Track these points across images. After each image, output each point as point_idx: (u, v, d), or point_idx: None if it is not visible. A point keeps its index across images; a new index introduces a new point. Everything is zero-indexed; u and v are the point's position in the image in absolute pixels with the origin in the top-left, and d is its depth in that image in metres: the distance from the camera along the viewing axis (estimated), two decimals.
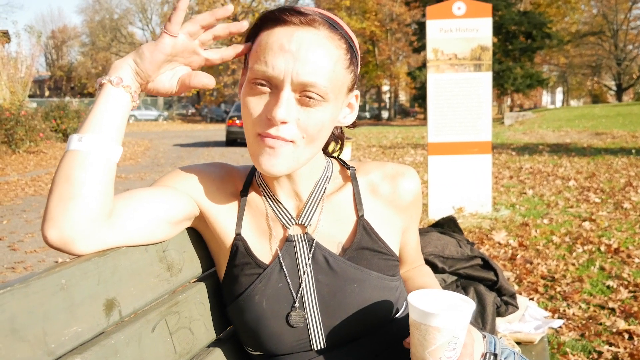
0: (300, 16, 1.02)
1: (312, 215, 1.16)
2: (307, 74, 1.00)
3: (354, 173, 1.22)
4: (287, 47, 1.00)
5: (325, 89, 1.02)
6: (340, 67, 1.05)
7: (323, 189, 1.17)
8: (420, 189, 1.26)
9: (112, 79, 1.01)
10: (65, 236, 0.93)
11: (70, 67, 62.29)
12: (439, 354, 0.99)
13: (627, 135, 17.10)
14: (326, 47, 1.02)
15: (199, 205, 1.16)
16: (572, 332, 3.21)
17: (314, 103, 1.02)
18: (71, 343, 0.84)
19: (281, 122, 1.00)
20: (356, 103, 1.17)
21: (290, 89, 1.01)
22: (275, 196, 1.17)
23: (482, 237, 5.42)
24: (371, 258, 1.16)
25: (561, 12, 48.61)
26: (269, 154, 1.03)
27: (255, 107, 1.03)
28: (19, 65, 18.50)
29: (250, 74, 1.04)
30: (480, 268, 2.11)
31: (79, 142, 0.96)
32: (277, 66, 1.00)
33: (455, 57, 6.30)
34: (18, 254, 5.43)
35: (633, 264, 4.46)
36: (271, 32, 1.03)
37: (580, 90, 65.68)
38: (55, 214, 0.93)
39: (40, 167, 13.15)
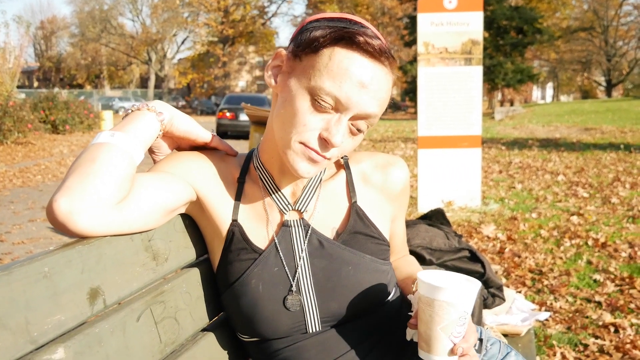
0: (376, 41, 1.04)
1: (308, 201, 1.20)
2: (374, 109, 1.07)
3: (347, 162, 1.26)
4: (367, 84, 1.04)
5: (376, 120, 1.10)
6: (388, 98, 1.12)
7: (320, 177, 1.22)
8: (409, 179, 1.30)
9: (157, 111, 1.11)
10: (74, 207, 0.91)
11: (59, 58, 61.77)
12: (451, 330, 1.01)
13: (616, 131, 17.21)
14: (389, 85, 1.10)
15: (196, 191, 1.18)
16: (558, 324, 3.24)
17: (360, 132, 1.10)
18: (54, 332, 0.84)
19: (335, 146, 1.06)
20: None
21: (350, 117, 1.06)
22: (275, 182, 1.20)
23: (471, 230, 5.44)
24: (364, 242, 1.20)
25: (552, 8, 48.76)
26: (309, 163, 1.08)
27: (312, 121, 1.05)
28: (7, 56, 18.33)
29: (317, 88, 1.04)
30: (467, 260, 2.11)
31: (110, 137, 1.01)
32: (352, 97, 1.03)
33: (446, 51, 6.30)
34: (5, 245, 5.39)
35: (620, 258, 4.49)
36: (350, 54, 1.04)
37: (570, 85, 66.03)
38: (71, 185, 0.93)
39: (28, 159, 13.05)
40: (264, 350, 1.20)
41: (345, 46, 1.04)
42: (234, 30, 50.37)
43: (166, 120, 1.12)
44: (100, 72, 59.83)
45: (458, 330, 1.01)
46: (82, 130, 20.92)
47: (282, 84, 1.11)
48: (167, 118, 1.12)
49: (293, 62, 1.10)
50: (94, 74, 59.76)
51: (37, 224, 6.31)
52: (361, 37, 1.03)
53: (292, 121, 1.06)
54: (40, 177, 10.23)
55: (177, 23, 52.80)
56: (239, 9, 51.51)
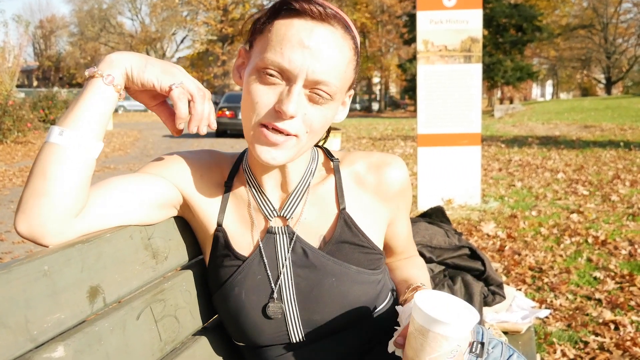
0: (318, 7, 1.00)
1: (295, 207, 1.15)
2: (322, 73, 1.00)
3: (337, 165, 1.20)
4: (306, 43, 0.99)
5: (335, 88, 1.03)
6: (350, 68, 1.07)
7: (308, 181, 1.16)
8: (408, 178, 1.23)
9: (104, 75, 0.99)
10: (34, 231, 0.92)
11: (58, 57, 61.73)
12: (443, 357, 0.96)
13: (616, 128, 17.21)
14: (341, 47, 1.03)
15: (182, 193, 1.15)
16: (558, 322, 3.24)
17: (322, 101, 1.03)
18: (54, 330, 0.84)
19: (290, 116, 1.00)
20: (349, 100, 1.17)
21: (302, 85, 1.00)
22: (261, 186, 1.15)
23: (470, 228, 5.44)
24: (351, 252, 1.15)
25: (552, 5, 48.72)
26: (269, 146, 1.03)
27: (262, 97, 1.02)
28: (7, 55, 18.32)
29: (261, 62, 1.01)
30: (467, 258, 2.11)
31: (59, 136, 0.95)
32: (294, 60, 0.99)
33: (446, 49, 6.30)
34: (5, 244, 5.39)
35: (620, 255, 4.49)
36: (289, 22, 1.01)
37: (569, 83, 66.01)
38: (27, 207, 0.92)
39: (28, 158, 13.05)
40: (253, 356, 1.19)
41: (284, 17, 1.02)
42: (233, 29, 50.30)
43: (118, 80, 1.00)
44: None
45: None
46: None
47: (244, 78, 1.08)
48: (118, 77, 1.00)
49: (248, 53, 1.10)
50: None
51: None
52: (297, 4, 1.01)
53: (248, 106, 1.04)
54: None
55: (176, 22, 52.81)
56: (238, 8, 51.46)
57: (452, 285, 1.93)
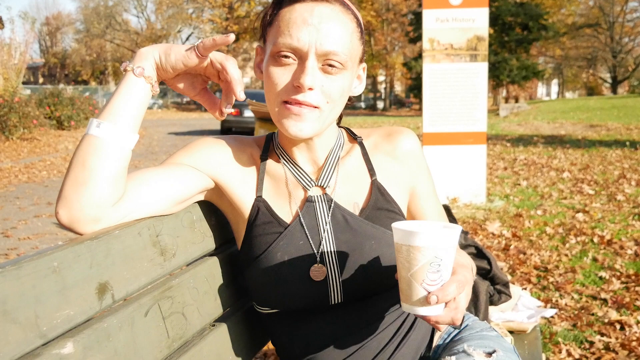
0: None
1: (329, 177, 1.23)
2: (329, 44, 1.09)
3: (362, 141, 1.30)
4: (310, 21, 1.09)
5: (345, 56, 1.11)
6: (355, 39, 1.15)
7: (338, 155, 1.25)
8: (419, 145, 1.32)
9: (135, 68, 1.06)
10: (74, 218, 0.99)
11: (64, 54, 61.84)
12: (422, 276, 0.97)
13: (622, 128, 17.15)
14: (342, 20, 1.12)
15: (214, 178, 1.22)
16: (564, 322, 3.23)
17: (335, 71, 1.11)
18: (63, 326, 0.84)
19: (308, 88, 1.08)
20: (364, 74, 1.26)
21: (314, 59, 1.09)
22: (295, 161, 1.24)
23: (476, 227, 5.43)
24: (385, 218, 1.22)
25: (557, 4, 48.52)
26: (295, 120, 1.11)
27: (281, 77, 1.11)
28: (13, 52, 18.33)
29: (274, 47, 1.11)
30: (473, 257, 2.11)
31: (97, 128, 1.02)
32: (302, 38, 1.08)
33: (451, 47, 6.29)
34: (11, 240, 5.41)
35: (625, 255, 4.48)
36: (292, 8, 1.11)
37: (575, 82, 65.80)
38: (68, 195, 0.99)
39: (33, 154, 13.09)
40: (284, 322, 1.23)
41: (287, 5, 1.12)
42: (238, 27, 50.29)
43: (148, 71, 1.08)
44: (105, 68, 59.87)
45: (431, 278, 0.96)
46: None
47: (263, 69, 1.17)
48: (148, 68, 1.08)
49: (263, 48, 1.20)
50: (98, 70, 59.80)
51: (43, 220, 6.33)
52: None
53: (269, 89, 1.13)
54: (45, 172, 10.25)
55: (182, 19, 52.82)
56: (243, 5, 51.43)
57: None
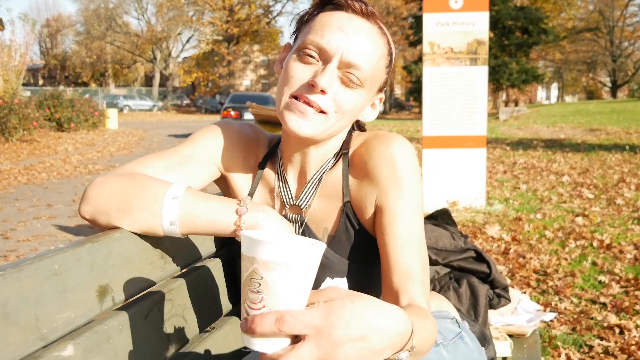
0: (361, 4, 1.09)
1: (309, 197, 1.19)
2: (356, 56, 1.07)
3: (346, 154, 1.19)
4: (345, 29, 1.07)
5: (366, 75, 1.08)
6: (382, 64, 1.13)
7: (323, 172, 1.19)
8: (406, 157, 1.13)
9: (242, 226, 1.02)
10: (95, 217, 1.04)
11: (64, 56, 61.88)
12: (245, 293, 0.75)
13: (621, 132, 17.16)
14: (375, 40, 1.10)
15: (221, 170, 1.24)
16: (563, 326, 3.23)
17: (352, 85, 1.08)
18: (63, 328, 0.84)
19: (321, 90, 1.05)
20: (379, 104, 1.22)
21: (336, 65, 1.07)
22: (284, 172, 1.21)
23: (475, 231, 5.43)
24: (355, 249, 1.17)
25: (557, 8, 48.61)
26: (297, 115, 1.07)
27: (298, 72, 1.08)
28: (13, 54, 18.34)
29: (302, 43, 1.09)
30: (473, 260, 2.11)
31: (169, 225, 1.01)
32: (332, 41, 1.06)
33: (452, 51, 6.29)
34: (11, 242, 5.41)
35: (625, 259, 4.48)
36: (332, 13, 1.10)
37: (575, 86, 65.82)
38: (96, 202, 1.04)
39: (33, 156, 13.09)
40: None
41: (329, 9, 1.11)
42: (238, 29, 50.38)
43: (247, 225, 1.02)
44: (105, 70, 59.94)
45: (251, 298, 0.73)
46: (87, 128, 20.98)
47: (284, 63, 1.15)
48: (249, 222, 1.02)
49: (292, 44, 1.18)
50: (99, 72, 59.86)
51: (42, 222, 6.33)
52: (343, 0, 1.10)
53: (284, 81, 1.10)
54: (45, 174, 10.25)
55: (182, 22, 52.85)
56: (244, 8, 51.49)
57: (458, 287, 1.92)
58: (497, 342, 1.91)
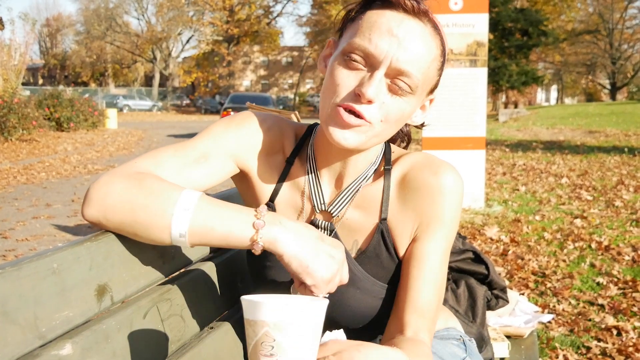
0: (412, 1, 1.00)
1: (343, 206, 1.14)
2: (406, 62, 0.99)
3: (389, 170, 1.15)
4: (395, 31, 0.99)
5: (417, 81, 1.01)
6: (434, 67, 1.05)
7: (360, 185, 1.14)
8: (455, 190, 1.10)
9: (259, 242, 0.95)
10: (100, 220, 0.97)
11: (64, 56, 61.90)
12: (256, 356, 0.76)
13: (620, 134, 17.18)
14: (428, 43, 1.02)
15: (239, 165, 1.16)
16: (561, 327, 3.24)
17: (402, 93, 1.01)
18: (62, 327, 0.84)
19: (368, 100, 0.98)
20: (429, 106, 1.15)
21: (384, 72, 0.99)
22: (319, 175, 1.15)
23: (474, 232, 5.44)
24: (380, 267, 1.13)
25: (557, 10, 48.60)
26: (342, 126, 1.01)
27: (344, 79, 1.01)
28: (13, 53, 18.36)
29: (348, 46, 1.01)
30: (471, 262, 2.11)
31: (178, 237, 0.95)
32: (380, 46, 0.98)
33: (451, 53, 6.30)
34: (9, 242, 5.41)
35: (623, 261, 4.48)
36: (381, 12, 1.01)
37: (574, 88, 65.85)
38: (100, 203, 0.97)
39: (32, 156, 13.09)
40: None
41: (377, 7, 1.02)
42: (239, 30, 50.40)
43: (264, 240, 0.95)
44: (105, 70, 59.95)
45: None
46: (87, 127, 20.98)
47: (328, 64, 1.08)
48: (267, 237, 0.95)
49: (336, 43, 1.10)
50: (98, 71, 59.87)
51: (41, 221, 6.33)
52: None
53: (329, 87, 1.03)
54: (44, 174, 10.25)
55: (182, 22, 52.87)
56: (244, 9, 51.51)
57: (456, 288, 1.93)
58: (494, 343, 1.91)
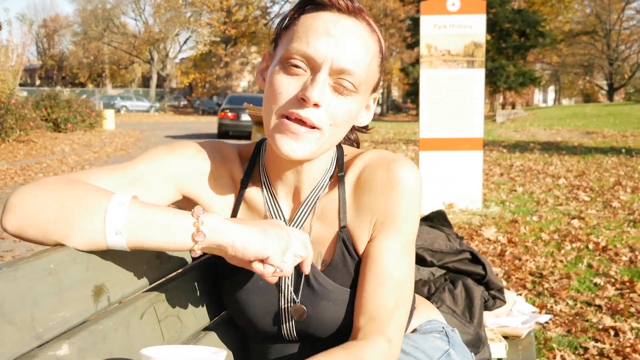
0: (347, 1, 1.00)
1: (304, 220, 1.10)
2: (347, 61, 0.98)
3: (343, 177, 1.11)
4: (332, 32, 0.98)
5: (360, 79, 1.00)
6: (375, 64, 1.05)
7: (319, 194, 1.11)
8: (412, 184, 1.08)
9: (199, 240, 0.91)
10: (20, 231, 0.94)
11: (61, 57, 61.85)
12: None
13: (618, 135, 17.21)
14: (366, 41, 1.01)
15: (184, 192, 1.11)
16: (558, 327, 3.24)
17: (346, 92, 1.00)
18: (59, 328, 0.84)
19: (314, 104, 0.96)
20: (373, 105, 1.14)
21: (327, 73, 0.98)
22: (275, 192, 1.12)
23: (471, 233, 5.44)
24: (348, 275, 1.10)
25: (555, 11, 48.73)
26: (290, 137, 0.98)
27: (286, 86, 0.99)
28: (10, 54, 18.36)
29: (286, 53, 0.99)
30: (469, 262, 2.11)
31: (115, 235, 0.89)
32: (319, 48, 0.97)
33: (449, 53, 6.31)
34: (6, 242, 5.40)
35: (620, 261, 4.49)
36: (315, 15, 1.00)
37: (572, 89, 65.96)
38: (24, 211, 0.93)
39: (30, 157, 13.07)
40: (254, 343, 1.23)
41: (310, 11, 1.01)
42: (236, 31, 50.36)
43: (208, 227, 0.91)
44: (102, 70, 59.90)
45: None
46: (84, 128, 20.97)
47: (267, 75, 1.06)
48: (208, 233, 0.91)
49: (272, 54, 1.08)
50: (96, 72, 59.82)
51: None
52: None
53: (270, 98, 1.01)
54: (41, 175, 10.23)
55: (180, 23, 52.85)
56: (241, 9, 51.50)
57: (453, 289, 1.93)
58: (492, 343, 1.91)
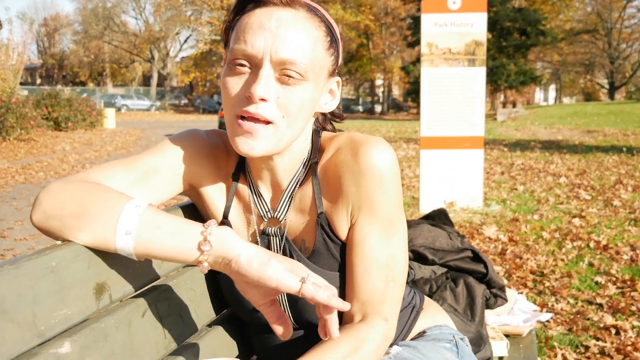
0: None
1: (286, 209, 1.13)
2: (286, 52, 0.98)
3: (315, 165, 1.12)
4: (267, 26, 0.99)
5: (304, 66, 1.00)
6: (320, 48, 1.04)
7: (297, 184, 1.12)
8: (387, 166, 1.05)
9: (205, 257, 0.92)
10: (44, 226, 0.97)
11: (62, 55, 61.83)
12: None
13: (619, 134, 17.20)
14: (305, 27, 1.01)
15: (191, 183, 1.16)
16: (560, 326, 3.24)
17: (293, 82, 1.00)
18: (61, 326, 0.84)
19: (260, 99, 0.98)
20: (338, 90, 1.13)
21: (269, 67, 0.99)
22: (256, 185, 1.15)
23: (472, 231, 5.44)
24: (332, 259, 1.11)
25: (556, 10, 48.70)
26: (246, 137, 1.00)
27: (234, 86, 1.01)
28: (10, 52, 18.37)
29: (230, 54, 1.02)
30: (470, 260, 2.11)
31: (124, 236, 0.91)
32: (256, 44, 0.98)
33: (450, 52, 6.30)
34: (7, 241, 5.41)
35: (621, 260, 4.49)
36: (251, 13, 1.02)
37: (573, 87, 65.97)
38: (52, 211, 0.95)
39: (30, 155, 13.08)
40: (256, 334, 1.24)
41: (248, 10, 1.03)
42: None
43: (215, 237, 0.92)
44: (103, 69, 59.88)
45: None
46: (85, 127, 20.98)
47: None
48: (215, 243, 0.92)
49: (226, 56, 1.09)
50: (96, 71, 59.80)
51: None
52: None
53: (224, 100, 1.04)
54: (42, 173, 10.24)
55: (180, 21, 52.85)
56: None
57: (455, 287, 1.93)
58: (493, 342, 1.91)
